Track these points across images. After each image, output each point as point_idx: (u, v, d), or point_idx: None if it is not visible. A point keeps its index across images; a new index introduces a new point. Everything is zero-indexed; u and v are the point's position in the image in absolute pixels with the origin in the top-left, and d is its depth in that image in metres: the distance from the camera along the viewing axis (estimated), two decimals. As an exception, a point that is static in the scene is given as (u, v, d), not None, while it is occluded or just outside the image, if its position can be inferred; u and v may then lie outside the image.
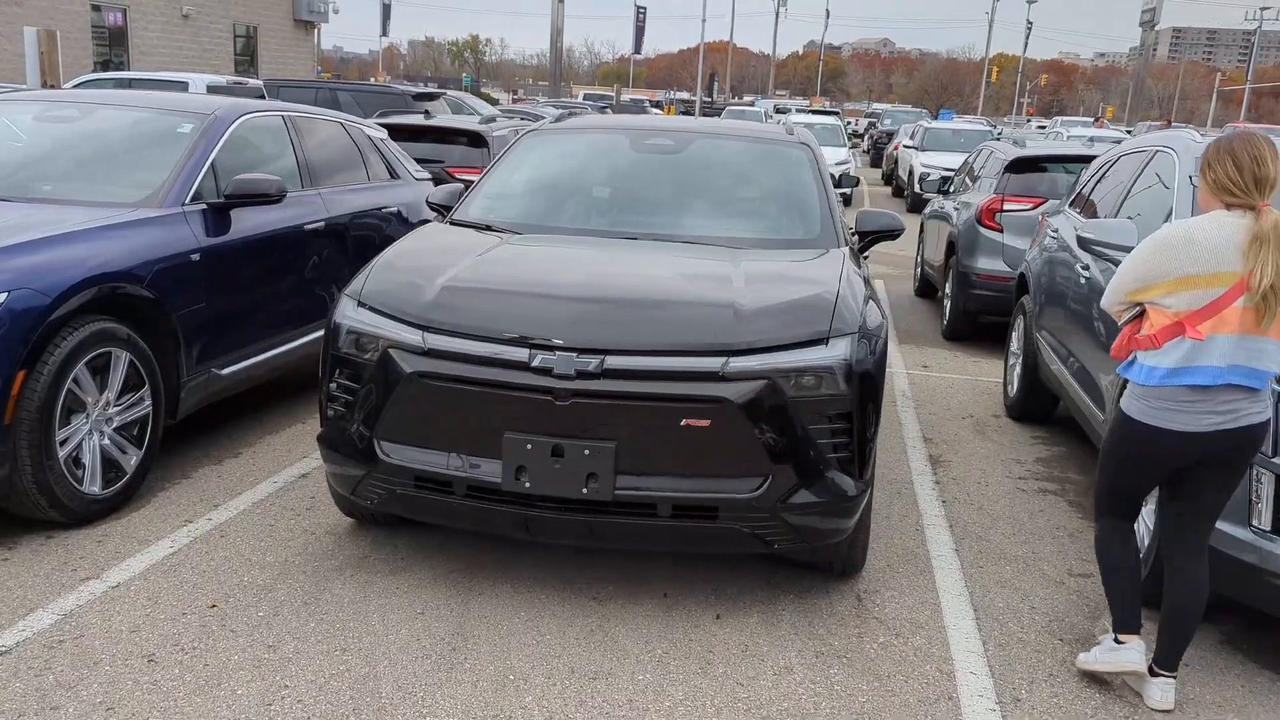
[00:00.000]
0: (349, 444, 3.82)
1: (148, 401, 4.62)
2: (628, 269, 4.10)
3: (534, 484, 3.56)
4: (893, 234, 5.09)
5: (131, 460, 4.55)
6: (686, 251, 4.40)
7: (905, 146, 23.07)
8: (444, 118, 10.51)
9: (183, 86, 13.95)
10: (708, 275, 4.01)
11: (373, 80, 43.74)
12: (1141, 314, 3.25)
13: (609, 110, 29.74)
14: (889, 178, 26.47)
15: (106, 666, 3.27)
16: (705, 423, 3.51)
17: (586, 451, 3.50)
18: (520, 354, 3.56)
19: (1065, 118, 55.40)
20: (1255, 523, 3.49)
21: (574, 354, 3.53)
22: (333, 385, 3.89)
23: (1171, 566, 3.36)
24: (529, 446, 3.53)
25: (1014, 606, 4.08)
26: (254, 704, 3.11)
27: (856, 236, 5.07)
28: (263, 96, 15.14)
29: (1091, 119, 54.85)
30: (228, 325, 5.16)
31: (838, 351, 3.67)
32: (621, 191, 5.08)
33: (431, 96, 17.56)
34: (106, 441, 4.42)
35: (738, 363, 3.55)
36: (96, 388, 4.33)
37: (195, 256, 4.87)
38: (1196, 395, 3.13)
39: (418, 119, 9.85)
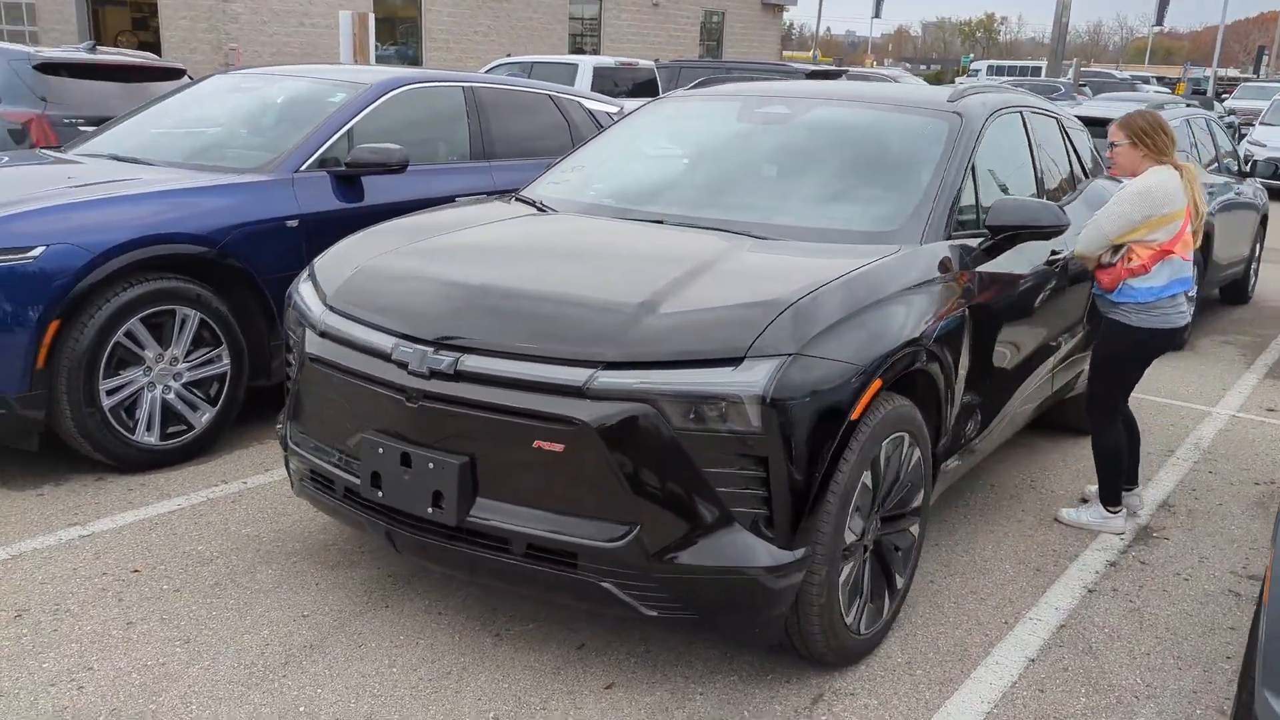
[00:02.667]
0: (280, 426, 3.62)
1: (225, 361, 4.74)
2: (561, 255, 3.45)
3: (387, 494, 3.11)
4: (1041, 231, 3.86)
5: (203, 416, 4.70)
6: (684, 237, 3.62)
7: None
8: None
9: (573, 69, 14.58)
10: (653, 267, 3.25)
11: (857, 65, 43.56)
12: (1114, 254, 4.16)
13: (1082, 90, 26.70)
14: None
15: (-23, 614, 3.35)
16: (558, 448, 2.84)
17: (431, 465, 2.98)
18: (386, 343, 3.11)
19: None
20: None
21: (430, 349, 3.02)
22: (286, 361, 3.71)
23: (1125, 419, 4.44)
24: (380, 451, 3.09)
25: (1022, 758, 2.91)
26: (41, 682, 3.01)
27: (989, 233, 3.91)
28: (653, 77, 15.47)
29: None
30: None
31: (751, 376, 2.79)
32: (691, 168, 4.35)
33: (830, 74, 16.93)
34: (171, 396, 4.59)
35: (609, 378, 2.82)
36: (159, 343, 4.51)
37: (292, 223, 4.91)
38: (1177, 301, 4.11)
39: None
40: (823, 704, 3.09)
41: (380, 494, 3.11)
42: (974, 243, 3.86)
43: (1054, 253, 4.48)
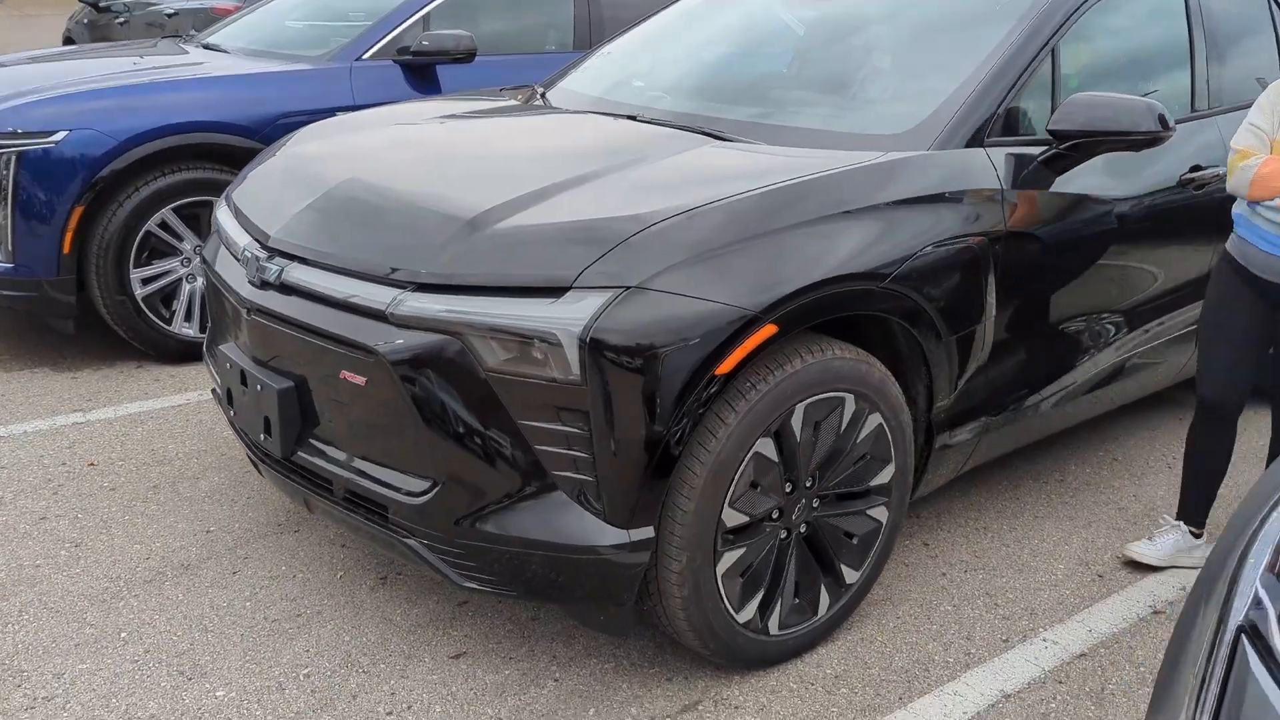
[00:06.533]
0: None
1: (271, 256, 4.63)
2: (454, 155, 2.93)
3: (236, 414, 2.83)
4: (1124, 140, 2.90)
5: (246, 311, 4.63)
6: (622, 135, 3.00)
7: None
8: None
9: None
10: (539, 172, 2.67)
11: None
12: None
13: None
14: None
15: (-79, 492, 3.42)
16: (360, 381, 2.42)
17: (259, 388, 2.65)
18: (241, 243, 2.79)
19: None
20: None
21: (265, 255, 2.66)
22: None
23: None
24: (229, 366, 2.80)
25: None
26: (-80, 568, 3.01)
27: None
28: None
29: None
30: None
31: (572, 311, 2.23)
32: (713, 55, 3.66)
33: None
34: (213, 288, 4.54)
35: (417, 302, 2.34)
36: (198, 235, 4.45)
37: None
38: None
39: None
40: (690, 715, 2.52)
41: (233, 412, 2.84)
42: (1034, 152, 2.97)
43: (1195, 168, 3.43)
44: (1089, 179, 3.08)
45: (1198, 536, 3.23)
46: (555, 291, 2.26)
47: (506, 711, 2.51)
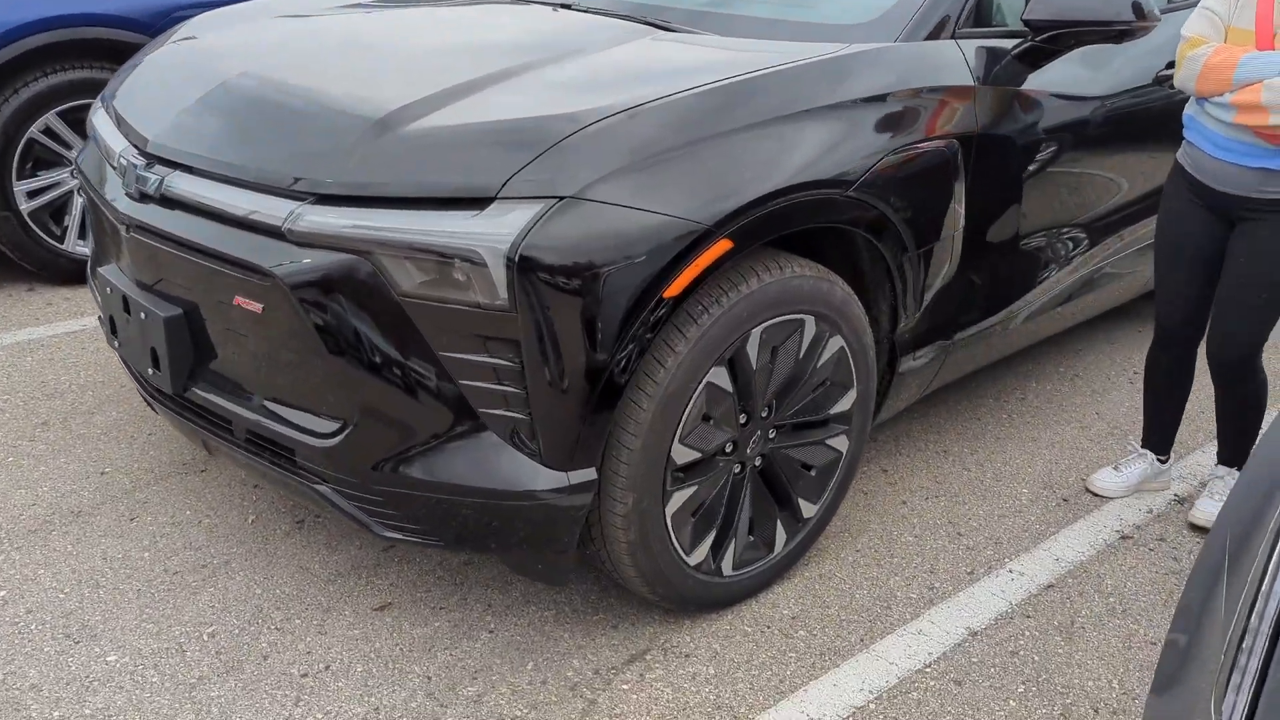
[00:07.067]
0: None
1: (171, 166, 4.24)
2: (364, 48, 2.59)
3: (121, 345, 2.51)
4: (1104, 30, 2.64)
5: (147, 226, 4.25)
6: (555, 24, 2.69)
7: None
8: None
9: None
10: (457, 66, 2.35)
11: None
12: None
13: None
14: None
15: None
16: (256, 308, 2.11)
17: (144, 316, 2.33)
18: (117, 148, 2.44)
19: None
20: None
21: (144, 162, 2.32)
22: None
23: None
24: (109, 290, 2.47)
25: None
26: None
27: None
28: None
29: None
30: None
31: (497, 226, 1.94)
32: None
33: None
34: (108, 202, 4.15)
35: (318, 216, 2.03)
36: (87, 143, 4.03)
37: (248, 7, 4.24)
38: None
39: None
40: (638, 665, 2.31)
41: (118, 343, 2.52)
42: (1008, 46, 2.71)
43: (1171, 65, 3.19)
44: (1066, 73, 2.83)
45: (1164, 462, 3.07)
46: (478, 203, 1.97)
47: (436, 668, 2.29)
